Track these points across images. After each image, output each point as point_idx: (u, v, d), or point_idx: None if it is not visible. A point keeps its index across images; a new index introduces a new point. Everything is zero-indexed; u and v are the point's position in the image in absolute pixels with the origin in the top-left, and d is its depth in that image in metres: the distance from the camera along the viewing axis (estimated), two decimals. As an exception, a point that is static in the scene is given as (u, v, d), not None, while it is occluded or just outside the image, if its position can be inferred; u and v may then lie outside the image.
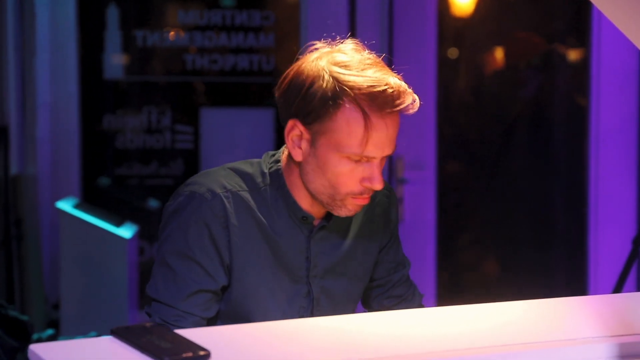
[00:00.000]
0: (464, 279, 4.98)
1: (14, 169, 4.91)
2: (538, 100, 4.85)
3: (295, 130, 2.04)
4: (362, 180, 2.03)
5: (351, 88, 1.98)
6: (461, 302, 1.91)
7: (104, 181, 5.10)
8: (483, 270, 5.03)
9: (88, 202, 4.91)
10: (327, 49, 2.06)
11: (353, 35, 2.12)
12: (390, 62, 2.10)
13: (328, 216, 2.15)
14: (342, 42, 2.08)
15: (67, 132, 4.99)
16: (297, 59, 2.08)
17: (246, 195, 2.09)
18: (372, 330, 1.73)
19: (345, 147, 2.00)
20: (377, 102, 1.98)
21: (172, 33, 5.04)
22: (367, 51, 2.06)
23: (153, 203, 5.08)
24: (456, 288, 4.89)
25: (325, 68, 2.01)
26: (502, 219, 4.90)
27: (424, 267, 4.71)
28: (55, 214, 4.70)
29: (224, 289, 2.10)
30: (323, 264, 2.15)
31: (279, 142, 2.24)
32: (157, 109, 5.07)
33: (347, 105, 1.98)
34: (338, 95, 1.98)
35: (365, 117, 1.98)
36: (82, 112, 5.02)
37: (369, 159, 2.02)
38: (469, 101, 4.97)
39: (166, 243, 2.07)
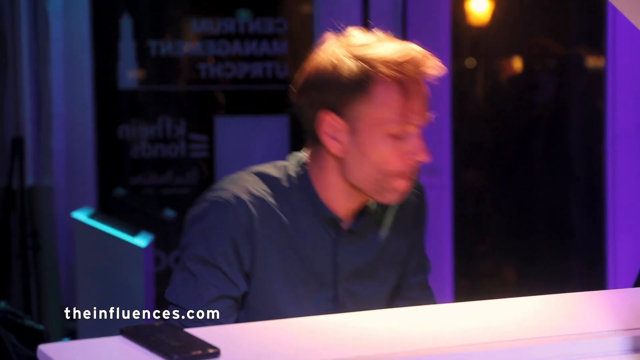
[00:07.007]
0: (481, 286, 4.96)
1: (29, 180, 4.92)
2: (554, 105, 4.83)
3: (327, 122, 1.99)
4: (408, 155, 1.98)
5: (379, 61, 1.95)
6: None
7: (120, 191, 5.11)
8: (501, 277, 5.01)
9: (104, 212, 4.91)
10: (336, 39, 2.02)
11: None
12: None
13: (356, 219, 2.10)
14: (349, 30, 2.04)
15: (83, 142, 5.00)
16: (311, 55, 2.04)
17: (271, 200, 2.04)
18: (383, 327, 1.72)
19: (387, 121, 1.95)
20: (408, 68, 1.94)
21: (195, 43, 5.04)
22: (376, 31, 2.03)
23: (169, 212, 5.08)
24: (474, 295, 4.86)
25: (345, 52, 1.97)
26: (519, 225, 4.88)
27: (441, 274, 4.69)
28: (71, 224, 4.70)
29: (244, 295, 2.06)
30: (351, 266, 2.10)
31: (294, 149, 2.20)
32: (172, 119, 5.07)
33: (380, 79, 1.94)
34: (367, 71, 1.94)
35: (400, 84, 1.94)
36: (97, 122, 5.03)
37: (409, 131, 1.97)
38: (485, 107, 4.95)
39: (188, 248, 2.04)
